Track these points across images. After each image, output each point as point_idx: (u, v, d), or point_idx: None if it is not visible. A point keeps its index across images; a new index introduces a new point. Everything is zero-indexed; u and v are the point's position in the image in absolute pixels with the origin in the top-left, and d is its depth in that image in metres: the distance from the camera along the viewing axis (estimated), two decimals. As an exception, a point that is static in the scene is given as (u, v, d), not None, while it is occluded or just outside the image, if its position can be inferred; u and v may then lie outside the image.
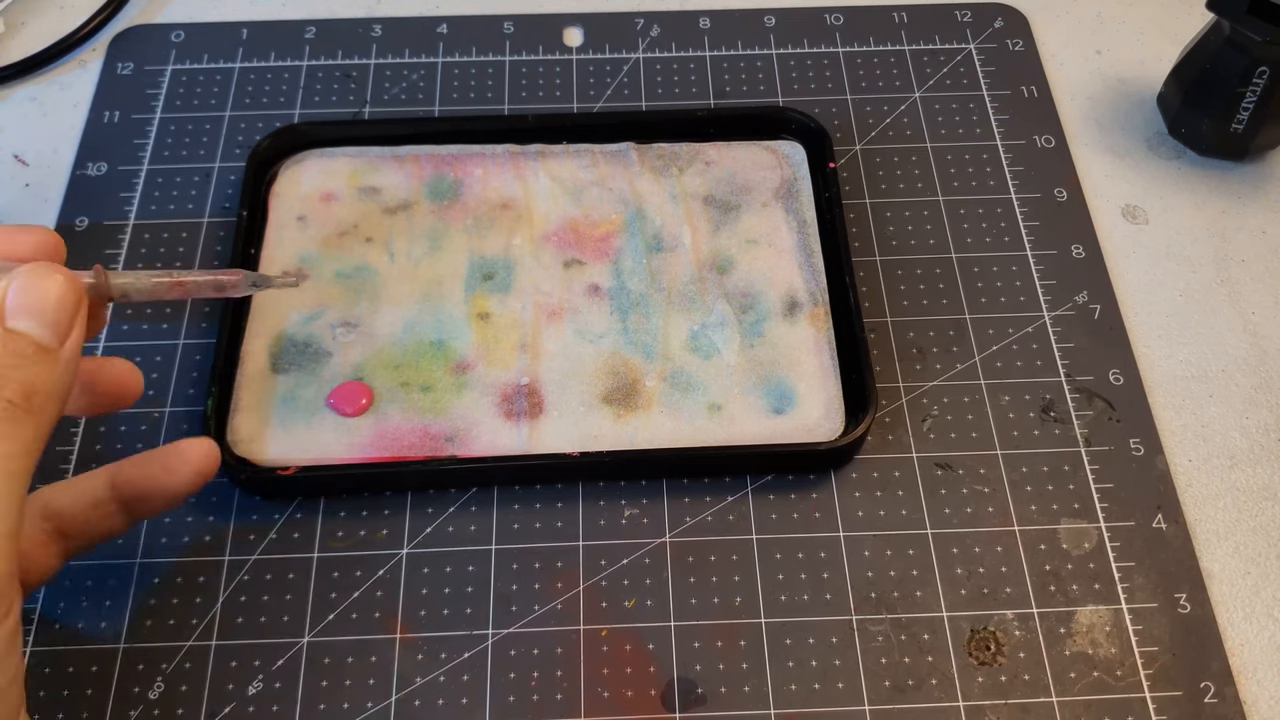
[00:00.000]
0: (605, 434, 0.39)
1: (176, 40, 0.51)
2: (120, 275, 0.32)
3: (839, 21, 0.52)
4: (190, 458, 0.33)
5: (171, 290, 0.34)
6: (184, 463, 0.33)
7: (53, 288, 0.28)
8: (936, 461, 0.40)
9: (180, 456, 0.33)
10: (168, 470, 0.33)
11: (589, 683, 0.35)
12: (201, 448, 0.34)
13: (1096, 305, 0.44)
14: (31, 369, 0.27)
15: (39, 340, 0.27)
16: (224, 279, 0.35)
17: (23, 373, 0.27)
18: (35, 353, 0.27)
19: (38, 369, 0.27)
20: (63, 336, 0.28)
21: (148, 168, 0.46)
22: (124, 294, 0.32)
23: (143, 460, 0.34)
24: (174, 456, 0.33)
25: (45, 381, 0.27)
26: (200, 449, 0.34)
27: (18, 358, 0.27)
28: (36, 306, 0.27)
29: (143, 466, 0.33)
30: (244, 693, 0.35)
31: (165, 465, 0.33)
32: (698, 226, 0.44)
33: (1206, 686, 0.36)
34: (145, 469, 0.33)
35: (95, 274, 0.31)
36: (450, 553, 0.38)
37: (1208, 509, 0.39)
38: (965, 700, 0.35)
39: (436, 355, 0.40)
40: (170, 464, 0.33)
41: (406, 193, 0.44)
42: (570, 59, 0.51)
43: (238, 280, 0.35)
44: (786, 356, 0.41)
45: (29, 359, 0.27)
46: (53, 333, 0.28)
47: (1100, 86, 0.51)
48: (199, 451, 0.34)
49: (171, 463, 0.33)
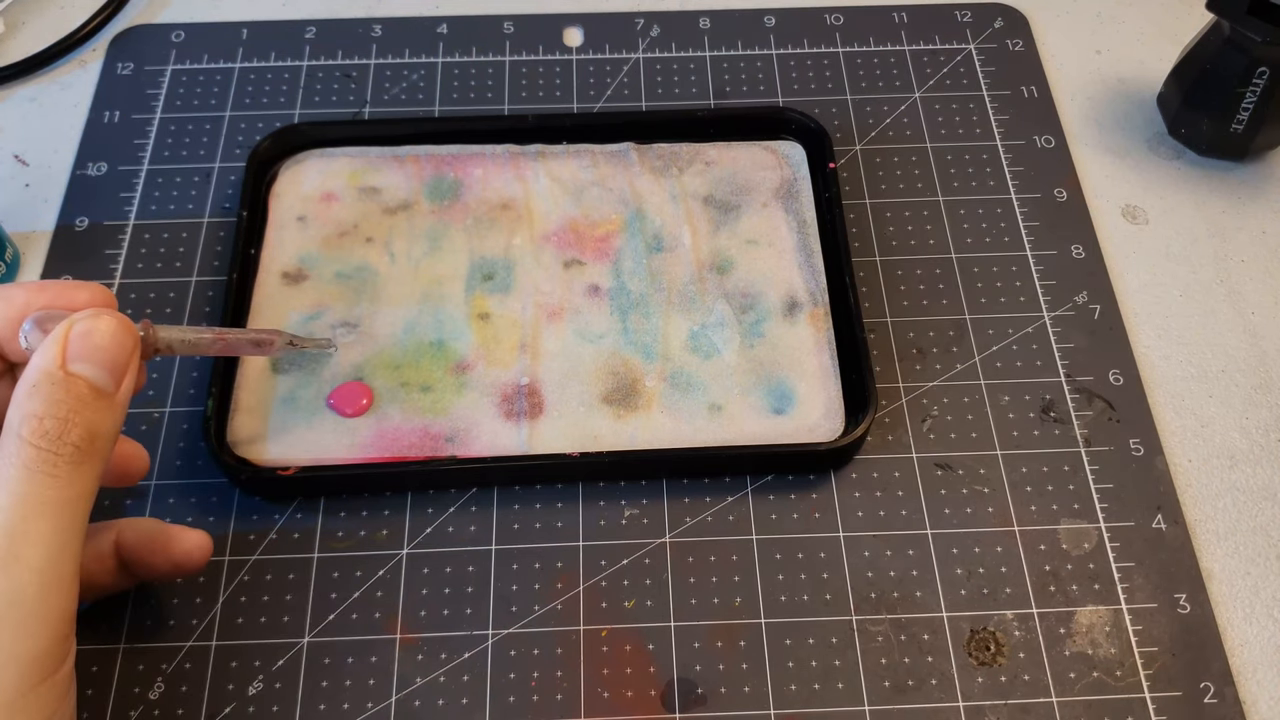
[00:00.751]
0: (605, 434, 0.39)
1: (176, 40, 0.51)
2: (165, 329, 0.32)
3: (839, 21, 0.52)
4: (180, 546, 0.33)
5: (213, 345, 0.34)
6: (174, 547, 0.33)
7: (109, 333, 0.28)
8: (936, 462, 0.40)
9: (173, 541, 0.33)
10: (157, 549, 0.33)
11: (589, 683, 0.35)
12: (192, 541, 0.33)
13: (1096, 305, 0.44)
14: (91, 412, 0.27)
15: (97, 384, 0.28)
16: (262, 338, 0.36)
17: (84, 416, 0.27)
18: (94, 396, 0.28)
19: (97, 413, 0.28)
20: (119, 381, 0.29)
21: (148, 168, 0.46)
22: (169, 346, 0.33)
23: (146, 529, 0.33)
24: (168, 539, 0.33)
25: (103, 425, 0.28)
26: (190, 542, 0.33)
27: (79, 401, 0.27)
28: (95, 351, 0.28)
29: (143, 535, 0.33)
30: (244, 693, 0.35)
31: (158, 543, 0.33)
32: (698, 227, 0.44)
33: (1206, 686, 0.36)
34: (144, 538, 0.33)
35: (143, 327, 0.31)
36: (450, 553, 0.38)
37: (1208, 509, 0.39)
38: (965, 700, 0.35)
39: (436, 355, 0.40)
40: (161, 544, 0.33)
41: (406, 193, 0.44)
42: (570, 59, 0.51)
43: (274, 340, 0.36)
44: (786, 357, 0.41)
45: (88, 403, 0.28)
46: (110, 376, 0.28)
47: (1100, 86, 0.51)
48: (188, 544, 0.33)
49: (162, 543, 0.33)
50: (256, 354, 0.37)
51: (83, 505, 0.27)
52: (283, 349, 0.37)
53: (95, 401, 0.28)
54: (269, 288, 0.42)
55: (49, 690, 0.27)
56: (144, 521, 0.34)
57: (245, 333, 0.36)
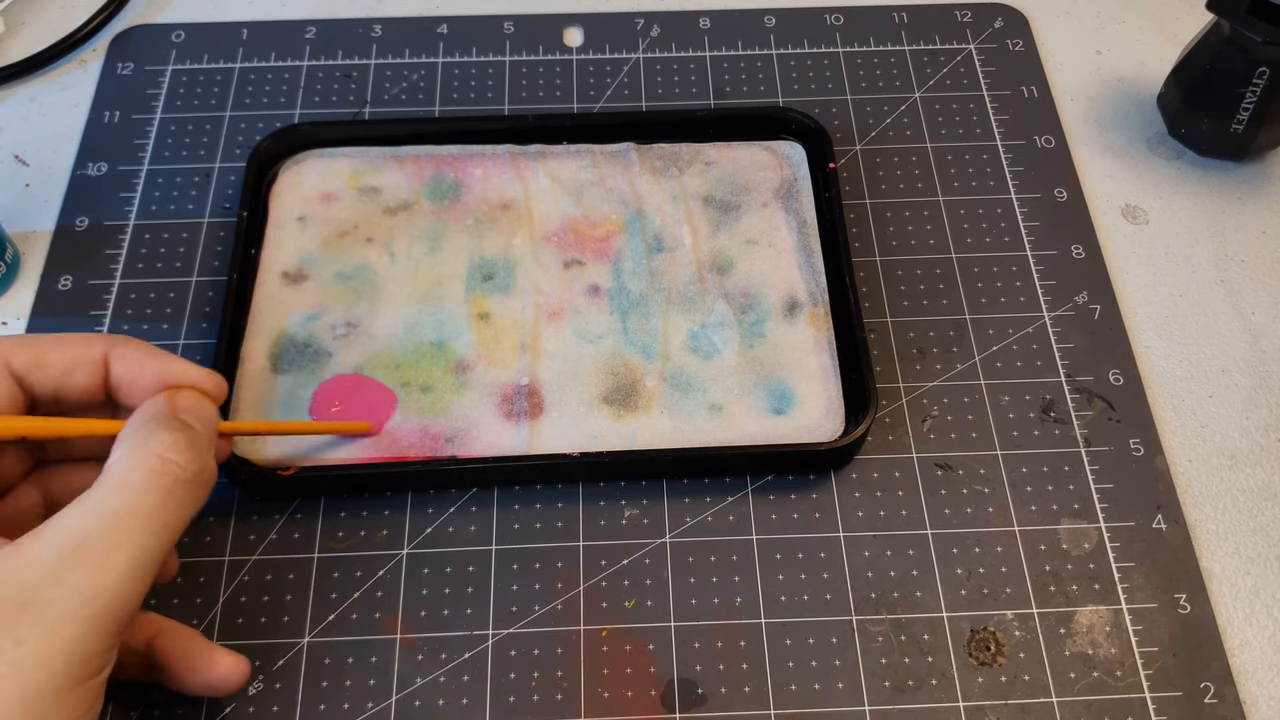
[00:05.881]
0: (605, 434, 0.39)
1: (176, 40, 0.51)
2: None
3: (839, 21, 0.52)
4: (216, 670, 0.33)
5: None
6: (212, 670, 0.33)
7: (207, 406, 0.32)
8: (936, 462, 0.40)
9: (213, 663, 0.33)
10: (198, 668, 0.33)
11: (589, 683, 0.35)
12: (227, 665, 0.33)
13: (1096, 305, 0.44)
14: (205, 454, 0.31)
15: (203, 436, 0.31)
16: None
17: (199, 453, 0.30)
18: (202, 444, 0.31)
19: (206, 455, 0.31)
20: (212, 439, 0.32)
21: (148, 168, 0.46)
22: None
23: (185, 642, 0.33)
24: (208, 661, 0.33)
25: (210, 468, 0.31)
26: (226, 666, 0.33)
27: (199, 439, 0.31)
28: (198, 412, 0.32)
29: (181, 648, 0.33)
30: (244, 693, 0.35)
31: (197, 662, 0.33)
32: (698, 227, 0.44)
33: (1206, 687, 0.36)
34: (181, 651, 0.33)
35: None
36: (450, 553, 0.38)
37: (1208, 509, 0.39)
38: (965, 700, 0.35)
39: (436, 355, 0.40)
40: (202, 664, 0.33)
41: (406, 193, 0.44)
42: (570, 59, 0.51)
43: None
44: (786, 357, 0.41)
45: (205, 445, 0.31)
46: (208, 438, 0.31)
47: (1100, 86, 0.51)
48: (223, 669, 0.33)
49: (204, 664, 0.33)
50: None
51: (174, 533, 0.29)
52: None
53: (205, 447, 0.31)
54: (269, 288, 0.42)
55: (85, 693, 0.27)
56: (185, 631, 0.33)
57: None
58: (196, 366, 0.33)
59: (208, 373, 0.33)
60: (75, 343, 0.32)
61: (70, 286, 0.43)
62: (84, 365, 0.32)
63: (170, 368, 0.32)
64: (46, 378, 0.32)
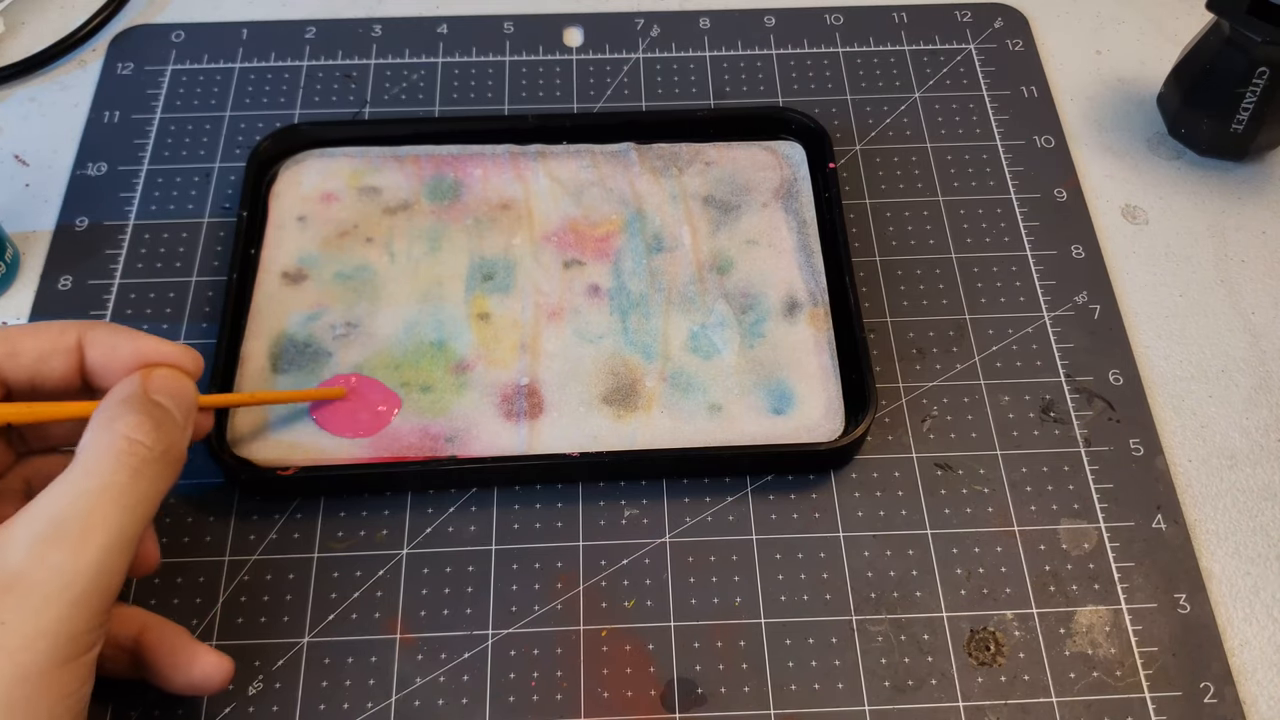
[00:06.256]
0: (605, 434, 0.39)
1: (176, 40, 0.51)
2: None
3: (839, 21, 0.52)
4: (200, 668, 0.33)
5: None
6: (195, 667, 0.33)
7: (183, 382, 0.32)
8: (936, 462, 0.40)
9: (195, 659, 0.33)
10: (179, 664, 0.33)
11: (589, 683, 0.35)
12: (211, 663, 0.33)
13: (1096, 305, 0.44)
14: (174, 432, 0.31)
15: (174, 414, 0.31)
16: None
17: (168, 431, 0.31)
18: (170, 423, 0.31)
19: (176, 433, 0.31)
20: (187, 418, 0.32)
21: (148, 168, 0.46)
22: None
23: (170, 637, 0.33)
24: (191, 656, 0.33)
25: (180, 446, 0.31)
26: (210, 664, 0.33)
27: (167, 417, 0.31)
28: (172, 390, 0.32)
29: (167, 643, 0.33)
30: (244, 693, 0.35)
31: (180, 657, 0.33)
32: (698, 227, 0.44)
33: (1206, 687, 0.36)
34: (167, 646, 0.33)
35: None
36: (450, 553, 0.38)
37: (1208, 509, 0.39)
38: (965, 700, 0.35)
39: (436, 355, 0.40)
40: (184, 660, 0.33)
41: (406, 193, 0.44)
42: (570, 59, 0.51)
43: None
44: (786, 357, 0.41)
45: (174, 423, 0.31)
46: (182, 415, 0.32)
47: (1100, 86, 0.51)
48: (207, 666, 0.33)
49: (185, 659, 0.33)
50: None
51: (149, 508, 0.30)
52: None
53: (171, 426, 0.31)
54: (269, 288, 0.42)
55: (75, 670, 0.28)
56: (172, 628, 0.33)
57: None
58: (171, 343, 0.33)
59: (183, 348, 0.33)
60: (49, 330, 0.32)
61: (70, 286, 0.43)
62: (58, 352, 0.32)
63: (144, 347, 0.32)
64: (20, 366, 0.32)
